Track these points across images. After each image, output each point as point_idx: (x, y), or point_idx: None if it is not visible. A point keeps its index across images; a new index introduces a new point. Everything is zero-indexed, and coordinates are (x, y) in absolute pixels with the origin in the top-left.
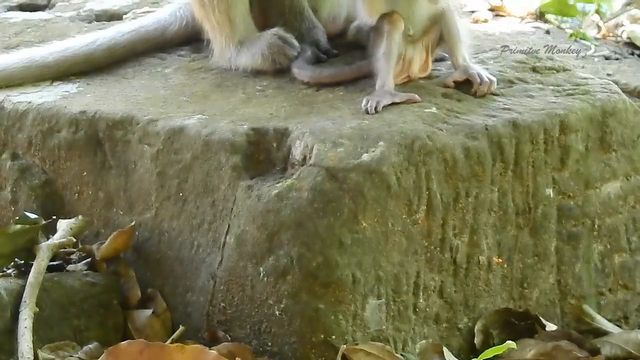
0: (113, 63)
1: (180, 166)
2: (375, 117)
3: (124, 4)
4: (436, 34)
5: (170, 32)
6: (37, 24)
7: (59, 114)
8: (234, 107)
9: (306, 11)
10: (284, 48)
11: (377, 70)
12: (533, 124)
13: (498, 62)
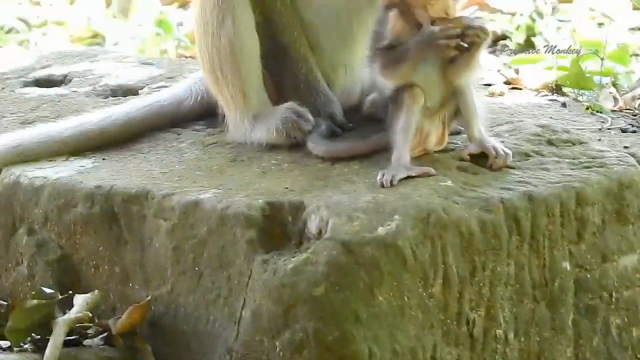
0: (129, 138)
1: (196, 241)
2: (390, 190)
3: (140, 79)
4: (453, 107)
5: (186, 107)
6: (53, 99)
7: (74, 189)
8: (249, 181)
9: (321, 85)
10: (298, 122)
11: (394, 143)
12: (549, 197)
13: (514, 135)
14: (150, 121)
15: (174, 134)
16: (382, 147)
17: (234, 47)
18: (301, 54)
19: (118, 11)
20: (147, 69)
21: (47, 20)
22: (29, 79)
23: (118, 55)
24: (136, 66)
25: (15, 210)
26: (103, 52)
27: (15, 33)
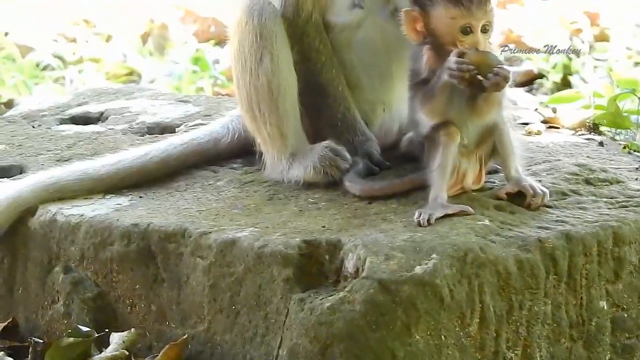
0: (166, 176)
1: (233, 279)
2: (427, 229)
3: (176, 116)
4: (490, 146)
5: (223, 145)
6: (90, 136)
7: (111, 226)
8: (286, 219)
9: (359, 123)
10: (336, 161)
11: (431, 182)
12: (586, 236)
13: (551, 174)
14: (187, 159)
15: (211, 171)
16: (419, 186)
17: (272, 85)
18: (339, 92)
19: (154, 48)
20: (183, 107)
21: (83, 57)
22: (66, 116)
23: (154, 93)
24: (173, 104)
25: (52, 248)
26: (139, 90)
27: (51, 70)
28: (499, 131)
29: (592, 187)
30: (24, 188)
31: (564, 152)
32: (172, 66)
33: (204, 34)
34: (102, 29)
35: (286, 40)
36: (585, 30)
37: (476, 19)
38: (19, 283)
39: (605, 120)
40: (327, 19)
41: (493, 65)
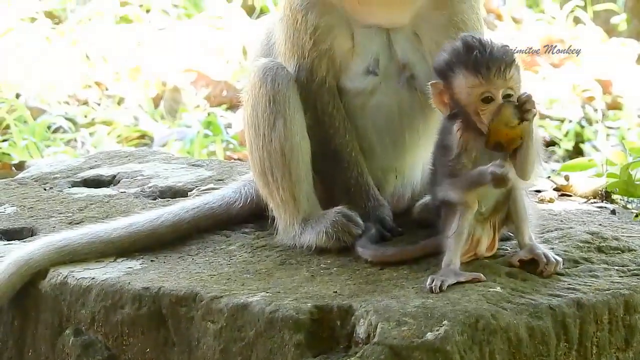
0: (177, 239)
1: (244, 343)
2: (439, 295)
3: (188, 180)
4: (504, 213)
5: (235, 209)
6: (102, 199)
7: (122, 289)
8: (298, 284)
9: (372, 189)
10: (348, 226)
11: (446, 248)
12: (598, 304)
13: (563, 242)
14: (199, 223)
15: (223, 236)
16: (432, 252)
17: (285, 149)
18: (352, 157)
19: (166, 112)
20: (196, 171)
21: (95, 120)
22: (77, 178)
23: (167, 157)
24: (185, 167)
25: (62, 311)
26: (152, 153)
27: (62, 132)
28: (514, 197)
29: (604, 255)
30: (35, 250)
31: (576, 220)
32: (184, 130)
33: (216, 98)
34: (114, 91)
35: (299, 104)
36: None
37: (496, 87)
38: (29, 345)
39: (617, 189)
40: (341, 85)
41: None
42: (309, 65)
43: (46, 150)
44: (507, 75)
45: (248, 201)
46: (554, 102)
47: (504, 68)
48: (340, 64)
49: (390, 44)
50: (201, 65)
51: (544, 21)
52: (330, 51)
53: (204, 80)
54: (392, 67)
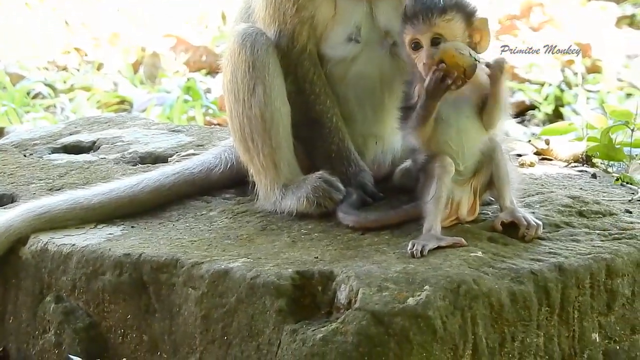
0: (158, 205)
1: (225, 310)
2: (420, 260)
3: (169, 146)
4: (485, 177)
5: (215, 175)
6: (82, 166)
7: (103, 256)
8: (279, 250)
9: (353, 155)
10: (329, 192)
11: (425, 213)
12: (579, 268)
13: (544, 206)
14: (179, 189)
15: (203, 202)
16: (413, 217)
17: (265, 115)
18: (334, 123)
19: (145, 77)
20: (176, 137)
21: (74, 86)
22: (57, 145)
23: (147, 122)
24: (165, 133)
25: (43, 278)
26: (131, 119)
27: (41, 98)
28: (496, 159)
29: (585, 220)
30: (15, 217)
31: (557, 184)
32: (164, 95)
33: (196, 63)
34: (93, 57)
35: (279, 71)
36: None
37: (421, 33)
38: (10, 312)
39: (598, 153)
40: (323, 52)
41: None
42: (290, 31)
43: (25, 116)
44: (433, 21)
45: (228, 167)
46: (533, 66)
47: (429, 15)
48: (322, 32)
49: (373, 11)
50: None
51: None
52: (312, 18)
53: (183, 45)
54: (374, 34)
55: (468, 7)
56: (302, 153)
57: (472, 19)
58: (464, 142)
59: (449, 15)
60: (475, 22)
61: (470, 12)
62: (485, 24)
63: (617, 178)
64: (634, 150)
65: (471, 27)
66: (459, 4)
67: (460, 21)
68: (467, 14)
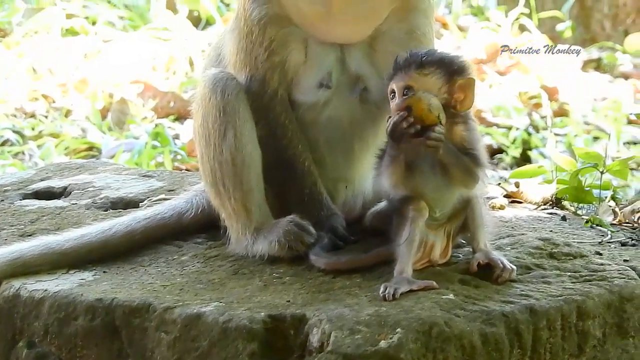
0: (129, 250)
1: (198, 354)
2: (392, 303)
3: (140, 191)
4: (459, 221)
5: (187, 219)
6: (53, 211)
7: (75, 301)
8: (251, 294)
9: (325, 199)
10: (301, 235)
11: (398, 256)
12: (550, 310)
13: (515, 248)
14: (151, 233)
15: (175, 246)
16: (385, 260)
17: (236, 160)
18: (306, 167)
19: (113, 123)
20: (147, 182)
21: (42, 133)
22: (28, 191)
23: (118, 168)
24: (136, 179)
25: (15, 323)
26: (103, 164)
27: (10, 145)
28: (473, 204)
29: (556, 262)
30: None
31: (527, 227)
32: (132, 141)
33: (164, 109)
34: (61, 104)
35: (250, 115)
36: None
37: (396, 83)
38: None
39: (567, 195)
40: (294, 97)
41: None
42: (261, 77)
43: None
44: (409, 73)
45: (200, 211)
46: (500, 110)
47: (407, 66)
48: (293, 77)
49: (344, 57)
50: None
51: (489, 29)
52: (284, 64)
53: (151, 91)
54: (345, 80)
55: (453, 66)
56: (273, 197)
57: (455, 77)
58: (442, 194)
59: (426, 70)
60: (460, 81)
61: (455, 70)
62: (470, 84)
63: (586, 220)
64: (603, 193)
65: (454, 85)
66: (441, 61)
67: (439, 77)
68: (450, 72)
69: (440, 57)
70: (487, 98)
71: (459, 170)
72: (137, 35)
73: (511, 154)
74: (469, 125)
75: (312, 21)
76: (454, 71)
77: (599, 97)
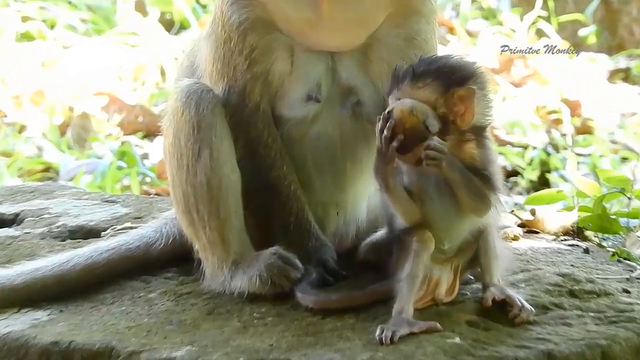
0: (90, 286)
1: None
2: (390, 348)
3: (102, 218)
4: (469, 255)
5: (155, 251)
6: (3, 241)
7: (27, 344)
8: (228, 337)
9: (313, 227)
10: (285, 269)
11: (397, 293)
12: (571, 356)
13: (530, 285)
14: (114, 267)
15: (142, 282)
16: (382, 298)
17: (212, 183)
18: (291, 191)
19: (73, 141)
20: (111, 208)
21: None
22: None
23: (78, 192)
24: (98, 204)
25: None
26: (60, 188)
27: None
28: (486, 235)
29: (578, 300)
30: None
31: (544, 260)
32: (95, 161)
33: (131, 124)
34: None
35: (228, 132)
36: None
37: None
38: None
39: (590, 224)
40: (278, 111)
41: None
42: (241, 88)
43: None
44: (401, 86)
45: (170, 242)
46: (515, 126)
47: (401, 79)
48: (277, 89)
49: (335, 66)
50: (113, 87)
51: (502, 34)
52: (266, 74)
53: (116, 104)
54: (336, 92)
55: (452, 75)
56: (254, 225)
57: (453, 88)
58: (451, 224)
59: (421, 82)
60: (459, 91)
61: (454, 80)
62: (470, 95)
63: (613, 253)
64: (631, 222)
65: (452, 96)
66: (439, 70)
67: (434, 89)
68: (448, 83)
69: (439, 66)
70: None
71: (469, 193)
72: (102, 40)
73: (527, 177)
74: (482, 142)
75: (299, 26)
76: (453, 81)
77: (627, 112)
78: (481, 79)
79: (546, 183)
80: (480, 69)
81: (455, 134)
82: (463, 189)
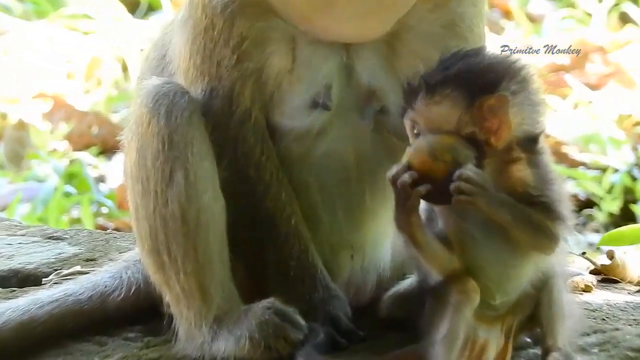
0: (26, 349)
1: None
2: None
3: (43, 261)
4: (526, 313)
5: (113, 304)
6: None
7: None
8: None
9: (319, 273)
10: (283, 328)
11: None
12: None
13: (606, 350)
14: (59, 324)
15: (95, 344)
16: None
17: (188, 215)
18: (291, 227)
19: (7, 158)
20: (55, 247)
21: None
22: None
23: (11, 225)
24: (39, 242)
25: None
26: None
27: None
28: (550, 286)
29: None
30: None
31: (624, 318)
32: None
33: (83, 137)
34: None
35: (209, 148)
36: None
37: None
38: None
39: None
40: (275, 122)
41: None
42: (227, 90)
43: None
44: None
45: (132, 292)
46: (590, 142)
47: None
48: (274, 92)
49: (351, 63)
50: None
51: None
52: (260, 72)
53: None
54: (352, 97)
55: (476, 81)
56: (243, 270)
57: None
58: (506, 270)
59: (437, 95)
60: (488, 101)
61: (479, 88)
62: (502, 104)
63: None
64: None
65: (480, 108)
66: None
67: (455, 103)
68: (472, 91)
69: (460, 70)
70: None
71: (525, 228)
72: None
73: (606, 209)
74: (534, 160)
75: (304, 9)
76: (478, 88)
77: None
78: (519, 78)
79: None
80: (516, 63)
81: (496, 155)
82: (518, 225)
